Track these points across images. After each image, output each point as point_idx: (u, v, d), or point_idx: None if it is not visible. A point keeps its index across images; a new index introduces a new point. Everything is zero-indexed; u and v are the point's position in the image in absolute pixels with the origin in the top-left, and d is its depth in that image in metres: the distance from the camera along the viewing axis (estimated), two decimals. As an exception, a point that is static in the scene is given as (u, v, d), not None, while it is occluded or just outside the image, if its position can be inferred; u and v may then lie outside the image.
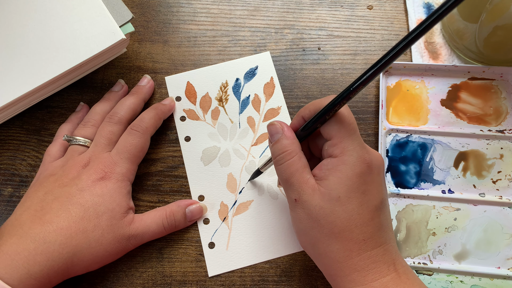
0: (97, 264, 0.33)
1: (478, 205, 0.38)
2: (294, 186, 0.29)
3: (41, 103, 0.41)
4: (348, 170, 0.28)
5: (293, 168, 0.29)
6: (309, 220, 0.29)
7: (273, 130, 0.31)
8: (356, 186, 0.28)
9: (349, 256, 0.28)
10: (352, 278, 0.28)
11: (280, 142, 0.30)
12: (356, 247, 0.28)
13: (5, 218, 0.38)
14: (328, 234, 0.28)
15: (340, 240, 0.28)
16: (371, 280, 0.27)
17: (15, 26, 0.37)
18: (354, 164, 0.28)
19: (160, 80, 0.43)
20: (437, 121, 0.41)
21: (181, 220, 0.37)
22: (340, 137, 0.28)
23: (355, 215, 0.27)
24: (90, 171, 0.34)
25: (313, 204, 0.28)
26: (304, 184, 0.29)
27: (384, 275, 0.27)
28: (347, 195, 0.27)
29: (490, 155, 0.39)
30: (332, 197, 0.28)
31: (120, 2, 0.38)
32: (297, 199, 0.29)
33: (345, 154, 0.28)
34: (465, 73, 0.42)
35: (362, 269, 0.28)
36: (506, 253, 0.37)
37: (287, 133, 0.30)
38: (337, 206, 0.27)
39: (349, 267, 0.28)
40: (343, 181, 0.28)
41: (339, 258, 0.28)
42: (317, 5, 0.46)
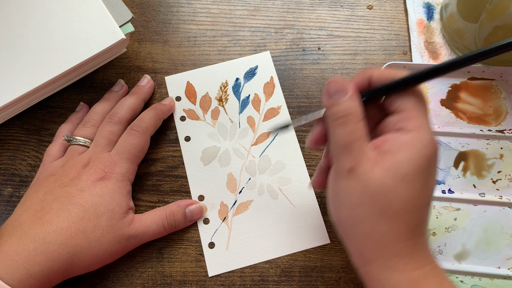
0: (97, 264, 0.33)
1: (478, 205, 0.38)
2: (353, 154, 0.26)
3: (41, 103, 0.41)
4: (422, 149, 0.25)
5: (356, 134, 0.26)
6: (362, 194, 0.26)
7: (338, 88, 0.27)
8: (425, 167, 0.25)
9: (397, 240, 0.26)
10: (393, 264, 0.26)
11: (346, 103, 0.27)
12: (407, 232, 0.26)
13: (5, 218, 0.38)
14: (380, 213, 0.26)
15: (393, 221, 0.26)
16: (412, 268, 0.26)
17: (15, 26, 0.37)
18: (428, 144, 0.25)
19: (160, 80, 0.43)
20: (437, 121, 0.41)
21: (181, 220, 0.37)
22: (417, 112, 0.26)
23: (417, 198, 0.25)
24: (90, 171, 0.34)
25: (373, 177, 0.25)
26: (364, 155, 0.26)
27: (425, 264, 0.26)
28: (414, 174, 0.25)
29: (490, 155, 0.39)
30: (398, 174, 0.25)
31: (120, 2, 0.38)
32: (353, 168, 0.26)
33: (421, 130, 0.26)
34: (464, 73, 0.42)
35: (405, 254, 0.26)
36: (506, 253, 0.37)
37: (354, 93, 0.27)
38: (401, 184, 0.25)
39: (393, 251, 0.26)
40: (414, 159, 0.25)
41: (385, 239, 0.26)
42: (317, 5, 0.46)
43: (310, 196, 0.39)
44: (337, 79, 0.28)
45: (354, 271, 0.37)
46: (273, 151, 0.40)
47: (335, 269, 0.37)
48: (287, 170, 0.40)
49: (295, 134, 0.41)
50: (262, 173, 0.40)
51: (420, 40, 0.44)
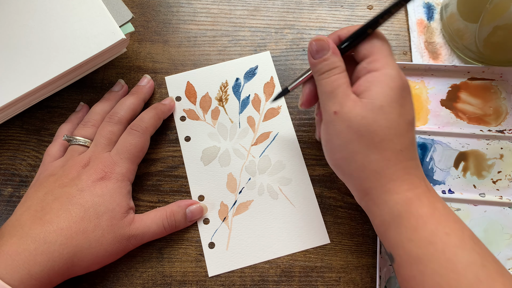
0: (97, 264, 0.33)
1: (478, 205, 0.38)
2: (337, 98, 0.30)
3: (41, 103, 0.41)
4: (391, 82, 0.29)
5: (340, 81, 0.30)
6: (349, 132, 0.29)
7: (321, 46, 0.31)
8: (397, 97, 0.29)
9: (387, 166, 0.29)
10: (388, 188, 0.29)
11: (330, 59, 0.31)
12: (394, 157, 0.29)
13: (5, 218, 0.38)
14: (368, 145, 0.29)
15: (380, 150, 0.29)
16: (405, 189, 0.29)
17: (15, 26, 0.37)
18: (396, 77, 0.29)
19: (160, 80, 0.43)
20: (437, 121, 0.41)
21: (182, 220, 0.37)
22: (382, 53, 0.30)
23: (395, 125, 0.29)
24: (90, 171, 0.34)
25: (355, 114, 0.29)
26: (346, 97, 0.29)
27: (417, 186, 0.29)
28: (389, 104, 0.28)
29: (490, 155, 0.39)
30: (375, 106, 0.28)
31: (120, 2, 0.38)
32: (337, 111, 0.30)
33: (387, 67, 0.29)
34: (464, 73, 0.42)
35: (398, 178, 0.29)
36: (506, 253, 0.37)
37: (337, 50, 0.31)
38: (379, 114, 0.28)
39: (386, 176, 0.29)
40: (386, 91, 0.29)
41: (377, 168, 0.29)
42: (317, 5, 0.46)
43: (310, 196, 0.39)
44: (318, 37, 0.31)
45: (354, 271, 0.37)
46: (273, 151, 0.40)
47: (335, 269, 0.37)
48: (287, 170, 0.40)
49: (295, 134, 0.41)
50: (262, 173, 0.40)
51: (420, 40, 0.44)
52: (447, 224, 0.27)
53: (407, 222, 0.28)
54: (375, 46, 0.30)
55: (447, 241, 0.27)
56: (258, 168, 0.40)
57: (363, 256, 0.37)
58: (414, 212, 0.28)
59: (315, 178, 0.39)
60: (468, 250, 0.26)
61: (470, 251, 0.26)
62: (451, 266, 0.26)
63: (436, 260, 0.26)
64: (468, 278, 0.25)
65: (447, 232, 0.27)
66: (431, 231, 0.27)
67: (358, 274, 0.37)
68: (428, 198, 0.29)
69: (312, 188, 0.39)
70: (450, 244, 0.27)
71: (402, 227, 0.28)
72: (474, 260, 0.26)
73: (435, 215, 0.28)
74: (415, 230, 0.28)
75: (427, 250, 0.27)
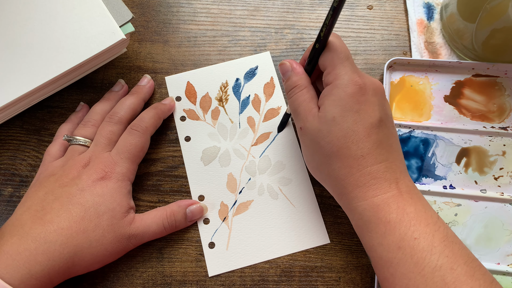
0: (97, 263, 0.33)
1: (479, 201, 0.38)
2: (300, 115, 0.32)
3: (41, 103, 0.41)
4: (340, 92, 0.30)
5: (301, 99, 0.32)
6: (312, 145, 0.31)
7: (284, 69, 0.34)
8: (349, 106, 0.29)
9: (349, 172, 0.30)
10: (355, 195, 0.30)
11: (291, 79, 0.33)
12: (356, 163, 0.29)
13: (5, 218, 0.38)
14: (328, 154, 0.30)
15: (340, 158, 0.30)
16: (371, 195, 0.29)
17: (15, 26, 0.37)
18: (345, 86, 0.30)
19: (160, 80, 0.43)
20: (440, 117, 0.41)
21: (182, 220, 0.37)
22: (333, 65, 0.31)
23: (350, 132, 0.29)
24: (91, 171, 0.34)
25: (313, 128, 0.31)
26: (308, 113, 0.32)
27: (385, 191, 0.29)
28: (341, 114, 0.30)
29: (492, 152, 0.39)
30: (327, 119, 0.30)
31: (120, 2, 0.38)
32: (302, 127, 0.32)
33: (337, 79, 0.30)
34: (469, 70, 0.42)
35: (363, 185, 0.29)
36: (506, 249, 0.37)
37: (297, 70, 0.34)
38: (332, 126, 0.30)
39: (351, 183, 0.30)
40: (336, 103, 0.30)
41: (341, 175, 0.30)
42: (317, 5, 0.46)
43: (310, 196, 0.39)
44: (284, 61, 0.35)
45: (354, 271, 0.37)
46: (273, 151, 0.40)
47: (335, 269, 0.37)
48: (287, 170, 0.40)
49: (295, 134, 0.41)
50: (262, 173, 0.40)
51: (420, 40, 0.44)
52: (416, 228, 0.28)
53: (376, 228, 0.29)
54: (326, 59, 0.32)
55: (415, 246, 0.27)
56: (258, 168, 0.40)
57: (363, 256, 0.37)
58: (382, 218, 0.28)
59: (315, 178, 0.39)
60: (436, 254, 0.27)
61: (438, 254, 0.27)
62: (419, 270, 0.26)
63: (404, 264, 0.27)
64: (435, 282, 0.26)
65: (415, 237, 0.27)
66: (399, 237, 0.28)
67: (358, 274, 0.37)
68: (397, 203, 0.29)
69: (312, 188, 0.39)
70: (418, 249, 0.27)
71: (373, 232, 0.29)
72: (442, 264, 0.26)
73: (404, 220, 0.28)
74: (383, 236, 0.28)
75: (396, 254, 0.27)
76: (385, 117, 0.31)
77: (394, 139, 0.31)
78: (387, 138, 0.30)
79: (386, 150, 0.30)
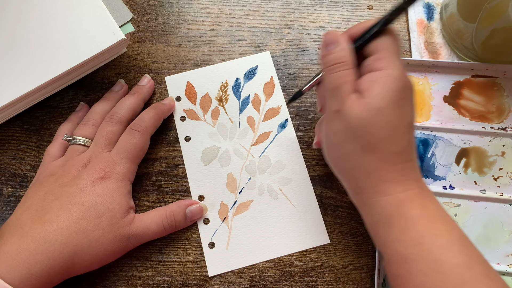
0: (97, 263, 0.33)
1: (478, 202, 0.38)
2: (339, 96, 0.29)
3: (41, 103, 0.41)
4: (391, 83, 0.28)
5: (346, 79, 0.29)
6: (346, 132, 0.29)
7: (330, 39, 0.31)
8: (397, 99, 0.28)
9: (381, 167, 0.29)
10: (380, 189, 0.29)
11: (339, 52, 0.30)
12: (390, 159, 0.28)
13: (5, 218, 0.38)
14: (364, 145, 0.29)
15: (375, 151, 0.28)
16: (398, 191, 0.28)
17: (15, 26, 0.37)
18: (397, 78, 0.28)
19: (160, 80, 0.43)
20: (439, 117, 0.41)
21: (182, 220, 0.37)
22: (387, 52, 0.29)
23: (394, 127, 0.28)
24: (90, 171, 0.34)
25: (353, 114, 0.28)
26: (349, 97, 0.29)
27: (410, 188, 0.29)
28: (388, 106, 0.28)
29: (491, 152, 0.39)
30: (372, 107, 0.28)
31: (120, 2, 0.38)
32: (339, 110, 0.29)
33: (390, 67, 0.28)
34: (468, 70, 0.42)
35: (391, 180, 0.29)
36: (505, 249, 0.37)
37: (345, 45, 0.30)
38: (377, 116, 0.28)
39: (379, 177, 0.29)
40: (385, 93, 0.28)
41: (371, 169, 0.29)
42: (317, 5, 0.46)
43: (310, 196, 0.39)
44: (331, 31, 0.31)
45: (354, 271, 0.37)
46: (273, 151, 0.40)
47: (335, 269, 0.37)
48: (287, 170, 0.40)
49: (295, 134, 0.41)
50: (262, 173, 0.40)
51: (420, 40, 0.44)
52: (436, 225, 0.28)
53: (396, 223, 0.28)
54: (382, 44, 0.29)
55: (434, 242, 0.27)
56: (258, 168, 0.40)
57: (363, 256, 0.37)
58: (404, 213, 0.28)
59: (315, 178, 0.39)
60: (455, 252, 0.26)
61: (457, 252, 0.26)
62: (437, 267, 0.26)
63: (422, 260, 0.27)
64: (453, 279, 0.25)
65: (435, 233, 0.27)
66: (419, 232, 0.27)
67: (358, 274, 0.37)
68: (420, 200, 0.28)
69: (312, 188, 0.39)
70: (437, 245, 0.27)
71: (392, 227, 0.28)
72: (461, 262, 0.26)
73: (425, 216, 0.28)
74: (404, 231, 0.28)
75: (414, 250, 0.27)
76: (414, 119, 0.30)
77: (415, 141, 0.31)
78: (414, 138, 0.30)
79: (414, 149, 0.30)
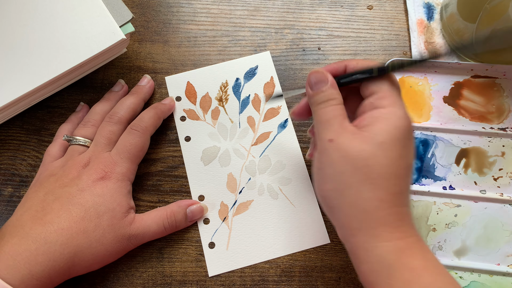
0: (98, 264, 0.33)
1: (478, 202, 0.38)
2: (333, 128, 0.29)
3: (41, 103, 0.41)
4: (396, 120, 0.27)
5: (337, 113, 0.29)
6: (343, 162, 0.27)
7: (319, 78, 0.31)
8: (400, 137, 0.27)
9: (379, 207, 0.27)
10: (378, 233, 0.27)
11: (328, 91, 0.30)
12: (389, 199, 0.27)
13: (5, 218, 0.38)
14: (362, 180, 0.27)
15: (375, 188, 0.27)
16: (397, 237, 0.27)
17: (15, 26, 0.37)
18: (401, 117, 0.28)
19: (160, 80, 0.43)
20: (439, 118, 0.41)
21: (182, 220, 0.37)
22: (391, 92, 0.29)
23: (395, 165, 0.27)
24: (91, 171, 0.34)
25: (352, 145, 0.27)
26: (344, 128, 0.28)
27: (409, 235, 0.27)
28: (391, 142, 0.27)
29: (491, 153, 0.39)
30: (375, 141, 0.27)
31: (120, 2, 0.38)
32: (333, 139, 0.28)
33: (394, 106, 0.28)
34: (468, 71, 0.42)
35: (389, 223, 0.27)
36: (506, 250, 0.37)
37: (334, 84, 0.30)
38: (379, 150, 0.27)
39: (377, 219, 0.27)
40: (390, 129, 0.27)
41: (368, 207, 0.27)
42: (317, 5, 0.46)
43: (310, 196, 0.39)
44: (318, 70, 0.31)
45: (354, 271, 0.37)
46: (273, 151, 0.40)
47: (335, 269, 0.37)
48: (287, 170, 0.40)
49: (295, 134, 0.41)
50: (262, 173, 0.40)
51: (420, 40, 0.44)
52: (440, 277, 0.26)
53: (399, 275, 0.26)
54: (384, 85, 0.29)
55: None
56: (258, 168, 0.40)
57: (363, 256, 0.37)
58: (407, 264, 0.26)
59: (315, 178, 0.39)
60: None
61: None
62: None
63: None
64: None
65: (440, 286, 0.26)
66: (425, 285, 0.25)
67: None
68: (420, 249, 0.27)
69: (312, 188, 0.39)
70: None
71: (394, 279, 0.26)
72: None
73: (429, 267, 0.26)
74: (408, 283, 0.26)
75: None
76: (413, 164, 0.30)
77: None
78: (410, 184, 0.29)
79: (409, 195, 0.29)
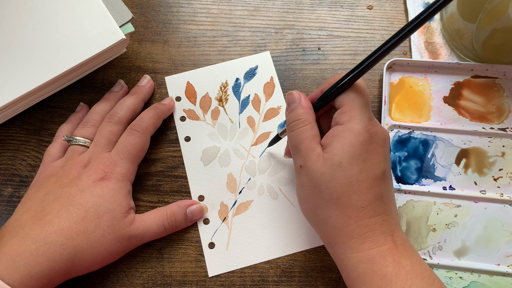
0: (98, 264, 0.33)
1: (478, 202, 0.38)
2: (301, 153, 0.30)
3: (41, 103, 0.41)
4: (352, 137, 0.28)
5: (303, 136, 0.30)
6: (311, 186, 0.29)
7: (291, 99, 0.32)
8: (358, 153, 0.28)
9: (347, 222, 0.28)
10: (349, 245, 0.28)
11: (296, 111, 0.31)
12: (354, 214, 0.28)
13: (5, 218, 0.38)
14: (327, 200, 0.29)
15: (339, 206, 0.28)
16: (367, 248, 0.28)
17: (15, 26, 0.37)
18: (358, 132, 0.28)
19: (160, 80, 0.43)
20: (439, 118, 0.41)
21: (182, 220, 0.37)
22: (351, 105, 0.29)
23: (355, 182, 0.28)
24: (90, 171, 0.34)
25: (316, 169, 0.29)
26: (310, 152, 0.30)
27: (381, 244, 0.28)
28: (348, 161, 0.28)
29: (491, 153, 0.39)
30: (333, 163, 0.28)
31: (120, 2, 0.38)
32: (302, 165, 0.30)
33: (351, 122, 0.29)
34: (468, 71, 0.42)
35: (359, 236, 0.28)
36: (506, 250, 0.37)
37: (304, 103, 0.31)
38: (338, 171, 0.28)
39: (346, 233, 0.28)
40: (346, 147, 0.28)
41: (337, 224, 0.29)
42: (317, 5, 0.46)
43: (310, 196, 0.39)
44: (292, 92, 0.32)
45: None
46: (273, 151, 0.40)
47: (335, 269, 0.37)
48: (287, 170, 0.40)
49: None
50: (262, 173, 0.40)
51: (420, 40, 0.44)
52: (413, 282, 0.27)
53: (371, 281, 0.27)
54: (347, 98, 0.30)
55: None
56: (258, 168, 0.40)
57: (363, 256, 0.37)
58: (378, 271, 0.27)
59: (315, 178, 0.39)
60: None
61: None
62: None
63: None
64: None
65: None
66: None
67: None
68: (393, 256, 0.28)
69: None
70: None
71: (368, 286, 0.28)
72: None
73: (401, 273, 0.27)
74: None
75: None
76: (388, 169, 0.30)
77: (392, 191, 0.30)
78: (387, 190, 0.29)
79: (385, 202, 0.29)
